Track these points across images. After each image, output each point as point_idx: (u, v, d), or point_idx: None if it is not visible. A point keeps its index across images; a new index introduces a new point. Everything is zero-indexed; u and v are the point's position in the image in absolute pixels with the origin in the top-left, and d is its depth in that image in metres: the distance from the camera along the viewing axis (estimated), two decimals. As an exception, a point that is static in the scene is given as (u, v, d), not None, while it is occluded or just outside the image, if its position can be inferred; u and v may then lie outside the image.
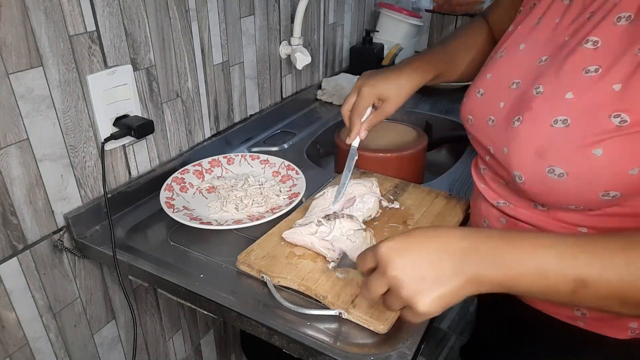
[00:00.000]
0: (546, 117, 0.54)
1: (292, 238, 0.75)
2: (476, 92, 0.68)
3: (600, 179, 0.50)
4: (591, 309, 0.53)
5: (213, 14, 0.99)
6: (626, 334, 0.60)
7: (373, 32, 1.54)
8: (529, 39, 0.64)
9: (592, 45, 0.53)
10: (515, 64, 0.63)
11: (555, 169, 0.52)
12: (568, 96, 0.53)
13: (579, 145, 0.51)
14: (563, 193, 0.53)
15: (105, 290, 0.94)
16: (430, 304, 0.47)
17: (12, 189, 0.73)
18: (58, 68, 0.74)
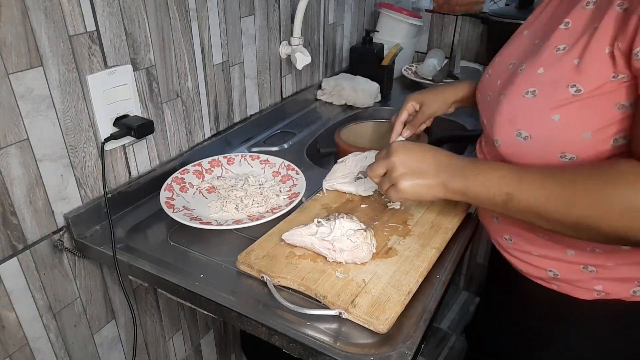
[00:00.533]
0: (520, 89, 0.62)
1: (291, 239, 0.75)
2: (486, 74, 0.76)
3: (558, 141, 0.59)
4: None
5: (213, 14, 0.99)
6: (592, 295, 0.67)
7: (373, 32, 1.54)
8: (532, 26, 0.71)
9: (564, 26, 0.60)
10: (517, 47, 0.71)
11: (522, 133, 0.61)
12: (539, 71, 0.60)
13: (541, 111, 0.59)
14: (528, 154, 0.62)
15: (105, 290, 0.94)
16: (407, 185, 0.66)
17: (12, 189, 0.73)
18: (58, 68, 0.74)
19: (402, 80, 1.64)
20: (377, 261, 0.72)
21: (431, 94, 0.96)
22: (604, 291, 0.66)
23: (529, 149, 0.61)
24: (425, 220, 0.82)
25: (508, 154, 0.64)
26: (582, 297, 0.67)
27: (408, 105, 0.96)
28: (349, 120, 1.35)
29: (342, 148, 1.06)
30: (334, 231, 0.71)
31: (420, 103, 0.96)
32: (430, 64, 1.58)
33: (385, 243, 0.76)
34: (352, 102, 1.41)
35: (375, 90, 1.42)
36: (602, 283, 0.65)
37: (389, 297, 0.65)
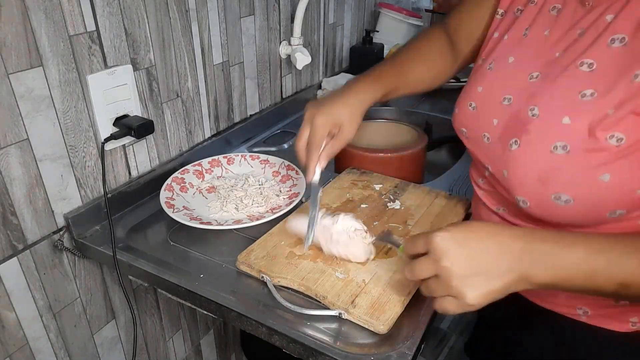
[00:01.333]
0: (545, 143, 0.54)
1: (294, 226, 0.74)
2: (468, 104, 0.68)
3: (608, 202, 0.51)
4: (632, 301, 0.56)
5: (213, 14, 0.99)
6: (627, 327, 0.61)
7: (373, 32, 1.54)
8: (518, 52, 0.64)
9: (587, 67, 0.54)
10: (506, 78, 0.63)
11: (561, 196, 0.53)
12: (565, 121, 0.53)
13: (584, 171, 0.51)
14: (570, 216, 0.54)
15: (105, 290, 0.94)
16: (478, 297, 0.49)
17: (12, 189, 0.73)
18: (58, 68, 0.74)
19: (402, 80, 1.64)
20: (377, 261, 0.72)
21: (345, 111, 0.75)
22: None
23: (571, 211, 0.53)
24: (425, 221, 0.82)
25: (542, 216, 0.56)
26: (615, 329, 0.62)
27: (324, 132, 0.74)
28: (349, 120, 1.34)
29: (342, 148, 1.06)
30: (336, 224, 0.71)
31: (338, 126, 0.75)
32: (430, 64, 1.58)
33: (385, 243, 0.76)
34: (352, 102, 1.41)
35: (375, 90, 1.42)
36: (638, 315, 0.60)
37: (389, 298, 0.65)
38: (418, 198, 0.89)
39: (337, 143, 0.77)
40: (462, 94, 0.71)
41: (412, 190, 0.91)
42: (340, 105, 0.75)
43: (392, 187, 0.93)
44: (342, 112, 0.75)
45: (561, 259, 0.48)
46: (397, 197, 0.89)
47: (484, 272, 0.49)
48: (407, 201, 0.88)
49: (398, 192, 0.91)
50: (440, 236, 0.51)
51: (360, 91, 0.77)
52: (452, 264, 0.49)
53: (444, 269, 0.50)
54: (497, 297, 0.50)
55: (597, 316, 0.63)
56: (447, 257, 0.50)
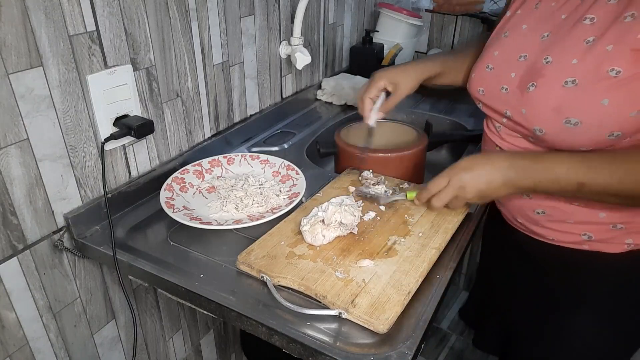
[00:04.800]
0: (558, 80, 0.66)
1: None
2: (485, 67, 0.80)
3: (608, 123, 0.63)
4: (593, 200, 0.70)
5: (213, 14, 0.99)
6: (623, 248, 0.74)
7: (373, 32, 1.54)
8: (530, 20, 0.75)
9: (589, 21, 0.66)
10: (521, 41, 0.75)
11: (571, 120, 0.65)
12: (573, 62, 0.65)
13: (589, 98, 0.63)
14: (578, 138, 0.66)
15: (105, 290, 0.94)
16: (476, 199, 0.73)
17: (12, 189, 0.73)
18: (58, 68, 0.74)
19: (402, 80, 1.64)
20: (377, 261, 0.72)
21: (403, 73, 0.93)
22: (634, 243, 0.74)
23: (579, 133, 0.65)
24: (425, 220, 0.82)
25: (556, 141, 0.69)
26: (613, 251, 0.75)
27: (380, 84, 0.93)
28: (349, 120, 1.35)
29: (342, 148, 1.06)
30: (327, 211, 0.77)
31: (394, 84, 0.93)
32: (430, 64, 1.58)
33: (385, 243, 0.76)
34: (352, 102, 1.41)
35: (375, 90, 1.42)
36: (632, 236, 0.73)
37: (389, 297, 0.65)
38: (418, 198, 0.89)
39: (393, 98, 0.94)
40: (478, 61, 0.83)
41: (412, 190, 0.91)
42: (400, 69, 0.94)
43: (392, 187, 0.93)
44: (399, 73, 0.93)
45: (534, 169, 0.68)
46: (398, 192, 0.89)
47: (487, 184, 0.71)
48: (407, 201, 0.88)
49: (398, 192, 0.91)
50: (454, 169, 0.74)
51: (419, 64, 0.96)
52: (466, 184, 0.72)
53: (461, 189, 0.73)
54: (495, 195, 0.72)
55: (599, 242, 0.75)
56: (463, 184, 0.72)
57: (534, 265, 0.86)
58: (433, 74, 0.95)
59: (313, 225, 0.75)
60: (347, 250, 0.75)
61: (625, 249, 0.75)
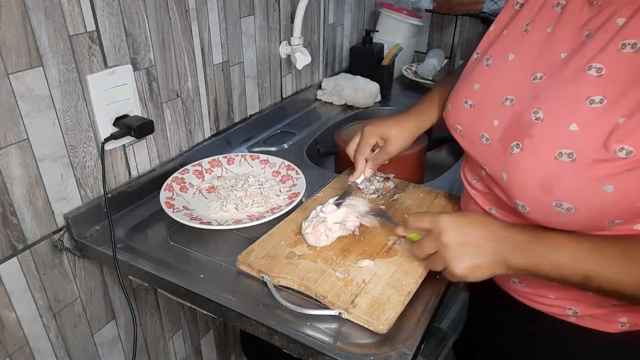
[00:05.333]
0: (550, 149, 0.53)
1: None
2: (463, 101, 0.67)
3: (609, 212, 0.52)
4: (601, 296, 0.58)
5: (213, 14, 0.99)
6: (616, 328, 0.62)
7: (373, 32, 1.54)
8: (519, 49, 0.62)
9: (595, 72, 0.52)
10: (506, 77, 0.62)
11: (562, 204, 0.53)
12: (572, 128, 0.52)
13: (588, 180, 0.51)
14: (569, 224, 0.55)
15: (105, 290, 0.94)
16: (463, 269, 0.58)
17: (12, 189, 0.73)
18: (58, 68, 0.74)
19: (402, 80, 1.64)
20: (377, 261, 0.72)
21: (396, 128, 0.82)
22: (629, 322, 0.62)
23: (571, 219, 0.54)
24: (425, 220, 0.82)
25: (540, 222, 0.57)
26: (605, 330, 0.63)
27: (371, 140, 0.83)
28: (349, 120, 1.35)
29: (342, 148, 1.06)
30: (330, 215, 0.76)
31: (385, 139, 0.82)
32: (430, 64, 1.58)
33: (385, 243, 0.76)
34: (352, 102, 1.41)
35: (375, 90, 1.42)
36: (627, 315, 0.61)
37: (388, 297, 0.65)
38: (418, 198, 0.89)
39: (381, 154, 0.84)
40: (455, 90, 0.70)
41: (412, 190, 0.91)
42: (392, 122, 0.83)
43: (392, 187, 0.93)
44: (392, 128, 0.82)
45: (533, 249, 0.56)
46: (398, 195, 0.89)
47: (472, 250, 0.58)
48: (407, 201, 0.88)
49: (398, 192, 0.91)
50: (444, 218, 0.61)
51: (414, 116, 0.84)
52: (449, 240, 0.59)
53: (442, 244, 0.60)
54: (480, 274, 0.58)
55: (587, 317, 0.63)
56: (446, 235, 0.59)
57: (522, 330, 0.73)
58: (432, 123, 0.84)
59: (315, 226, 0.75)
60: (347, 250, 0.75)
61: (620, 329, 0.62)
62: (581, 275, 0.53)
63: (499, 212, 0.66)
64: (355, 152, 0.85)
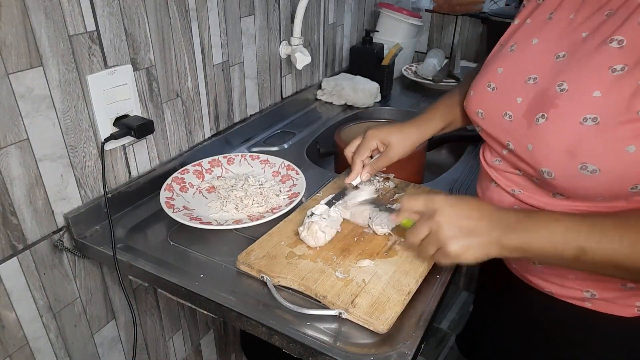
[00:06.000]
0: (574, 115, 0.55)
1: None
2: (486, 85, 0.68)
3: (633, 174, 0.53)
4: (594, 272, 0.58)
5: (213, 14, 0.99)
6: (632, 312, 0.63)
7: (373, 32, 1.54)
8: (542, 34, 0.64)
9: (617, 44, 0.54)
10: (530, 59, 0.64)
11: (588, 166, 0.54)
12: (595, 94, 0.54)
13: (611, 142, 0.52)
14: (594, 187, 0.56)
15: (105, 290, 0.94)
16: (458, 248, 0.57)
17: (12, 189, 0.73)
18: (58, 68, 0.74)
19: (402, 80, 1.64)
20: (377, 261, 0.72)
21: (398, 134, 0.82)
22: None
23: (596, 182, 0.55)
24: (425, 220, 0.82)
25: (566, 188, 0.58)
26: (620, 314, 0.63)
27: (371, 144, 0.83)
28: (349, 120, 1.35)
29: (342, 148, 1.06)
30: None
31: (385, 144, 0.83)
32: (430, 64, 1.58)
33: (385, 243, 0.76)
34: (352, 102, 1.42)
35: (375, 90, 1.42)
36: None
37: (388, 297, 0.65)
38: (418, 198, 0.88)
39: (381, 159, 0.84)
40: (478, 77, 0.71)
41: (412, 190, 0.91)
42: (394, 128, 0.83)
43: (392, 187, 0.93)
44: (393, 134, 0.82)
45: (527, 224, 0.56)
46: (398, 193, 0.89)
47: (466, 229, 0.57)
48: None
49: (398, 192, 0.91)
50: (438, 197, 0.60)
51: (416, 125, 0.84)
52: (443, 219, 0.58)
53: (436, 222, 0.59)
54: (475, 254, 0.57)
55: (602, 301, 0.63)
56: (440, 213, 0.59)
57: (532, 318, 0.74)
58: (434, 133, 0.85)
59: (309, 227, 0.75)
60: (347, 250, 0.75)
61: (636, 313, 0.62)
62: (575, 247, 0.53)
63: (522, 193, 0.66)
64: (354, 154, 0.85)
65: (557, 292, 0.67)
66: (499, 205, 0.70)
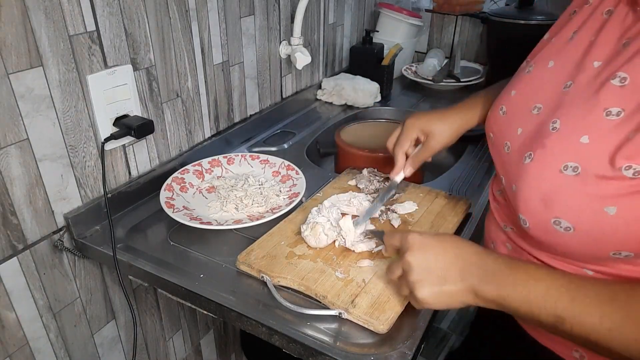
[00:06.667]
0: (557, 161, 0.49)
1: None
2: (499, 109, 0.64)
3: (612, 239, 0.47)
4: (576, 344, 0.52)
5: (213, 14, 0.99)
6: None
7: (373, 32, 1.54)
8: (560, 56, 0.58)
9: (619, 82, 0.47)
10: (540, 84, 0.58)
11: (561, 222, 0.49)
12: (583, 140, 0.48)
13: (589, 198, 0.46)
14: (569, 246, 0.51)
15: (105, 290, 0.94)
16: (427, 294, 0.54)
17: (12, 189, 0.73)
18: (58, 68, 0.74)
19: (402, 80, 1.65)
20: (377, 261, 0.72)
21: (439, 122, 0.77)
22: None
23: (570, 241, 0.50)
24: (425, 220, 0.82)
25: (541, 241, 0.54)
26: None
27: (412, 134, 0.78)
28: (349, 120, 1.35)
29: (342, 148, 1.06)
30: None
31: (427, 133, 0.78)
32: (430, 64, 1.58)
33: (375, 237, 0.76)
34: (352, 102, 1.42)
35: (375, 90, 1.42)
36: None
37: (388, 297, 0.65)
38: (418, 198, 0.89)
39: (424, 151, 0.79)
40: (498, 97, 0.66)
41: (412, 190, 0.91)
42: (436, 116, 0.78)
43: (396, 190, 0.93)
44: (434, 122, 0.77)
45: (504, 278, 0.50)
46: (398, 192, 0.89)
47: (435, 273, 0.53)
48: (407, 201, 0.88)
49: (398, 192, 0.91)
50: (411, 235, 0.57)
51: (459, 112, 0.78)
52: (413, 259, 0.55)
53: (406, 262, 0.55)
54: (447, 302, 0.54)
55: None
56: (411, 253, 0.55)
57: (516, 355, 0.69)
58: (480, 121, 0.77)
59: (313, 227, 0.75)
60: (347, 250, 0.75)
61: None
62: (553, 315, 0.47)
63: (513, 231, 0.62)
64: (395, 145, 0.80)
65: (547, 345, 0.62)
66: (495, 241, 0.66)
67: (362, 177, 0.95)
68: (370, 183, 0.92)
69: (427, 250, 0.55)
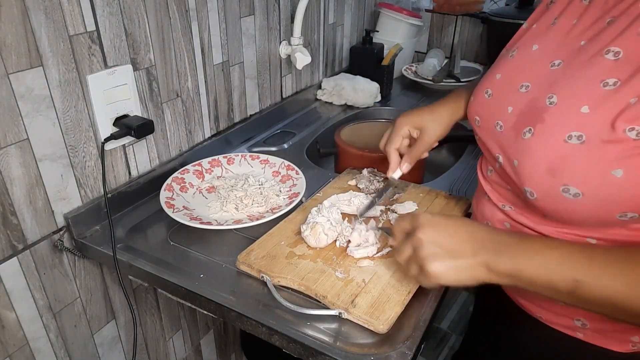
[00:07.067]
0: (560, 131, 0.51)
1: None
2: (484, 92, 0.66)
3: (619, 201, 0.49)
4: (588, 310, 0.52)
5: (213, 14, 0.99)
6: (627, 347, 0.59)
7: (373, 32, 1.54)
8: (543, 40, 0.61)
9: (612, 56, 0.50)
10: (526, 65, 0.61)
11: (570, 189, 0.50)
12: (583, 110, 0.50)
13: (596, 164, 0.48)
14: (577, 212, 0.52)
15: (105, 290, 0.94)
16: (438, 268, 0.54)
17: (12, 189, 0.73)
18: (58, 68, 0.74)
19: (402, 80, 1.65)
20: (377, 261, 0.72)
21: (430, 116, 0.79)
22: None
23: (579, 207, 0.51)
24: (425, 220, 0.82)
25: (548, 210, 0.55)
26: (614, 349, 0.59)
27: (403, 131, 0.80)
28: (349, 120, 1.35)
29: (342, 148, 1.06)
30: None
31: (419, 128, 0.79)
32: (430, 64, 1.58)
33: (385, 243, 0.76)
34: (352, 102, 1.42)
35: (375, 90, 1.42)
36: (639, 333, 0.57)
37: (388, 297, 0.65)
38: (418, 198, 0.89)
39: (418, 146, 0.80)
40: (479, 83, 0.69)
41: (412, 190, 0.91)
42: (426, 111, 0.80)
43: (392, 187, 0.93)
44: (426, 117, 0.79)
45: (520, 249, 0.51)
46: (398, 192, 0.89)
47: (448, 249, 0.54)
48: (407, 201, 0.88)
49: (398, 192, 0.91)
50: (423, 214, 0.58)
51: (447, 104, 0.80)
52: (424, 235, 0.55)
53: (416, 239, 0.55)
54: (459, 277, 0.53)
55: (596, 332, 0.60)
56: (423, 231, 0.55)
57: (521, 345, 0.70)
58: (463, 114, 0.80)
59: (313, 227, 0.75)
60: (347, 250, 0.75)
61: (630, 348, 0.58)
62: (571, 280, 0.48)
63: (512, 210, 0.63)
64: (386, 144, 0.81)
65: (546, 318, 0.64)
66: (491, 220, 0.67)
67: (362, 177, 0.95)
68: (370, 183, 0.92)
69: (439, 227, 0.55)
